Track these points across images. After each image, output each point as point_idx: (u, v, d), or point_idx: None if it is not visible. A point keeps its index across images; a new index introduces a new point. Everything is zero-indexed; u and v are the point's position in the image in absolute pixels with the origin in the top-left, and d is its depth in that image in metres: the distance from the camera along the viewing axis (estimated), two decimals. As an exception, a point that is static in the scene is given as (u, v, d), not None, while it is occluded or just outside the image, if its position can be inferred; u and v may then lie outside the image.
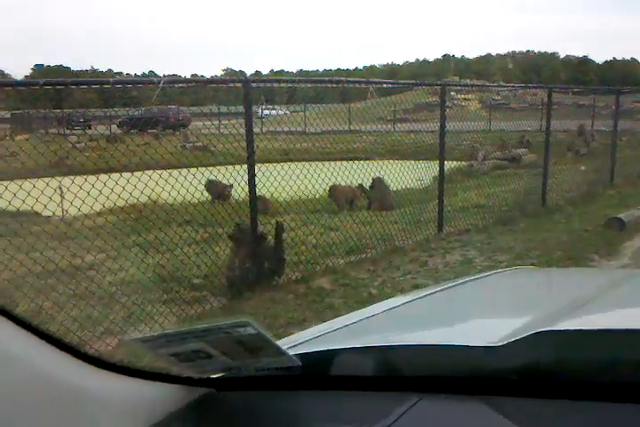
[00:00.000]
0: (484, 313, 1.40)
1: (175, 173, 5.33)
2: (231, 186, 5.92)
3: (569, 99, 27.58)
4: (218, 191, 8.72)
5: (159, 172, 5.35)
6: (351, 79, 6.90)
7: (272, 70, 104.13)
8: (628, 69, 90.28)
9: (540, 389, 0.87)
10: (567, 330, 0.94)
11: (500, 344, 0.89)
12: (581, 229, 7.53)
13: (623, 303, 1.28)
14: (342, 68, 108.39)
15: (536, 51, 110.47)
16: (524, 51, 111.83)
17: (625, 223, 7.53)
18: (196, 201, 5.74)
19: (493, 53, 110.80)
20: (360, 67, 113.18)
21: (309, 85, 6.00)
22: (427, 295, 1.56)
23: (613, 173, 11.65)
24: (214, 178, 6.31)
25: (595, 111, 20.11)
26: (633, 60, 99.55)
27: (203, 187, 5.38)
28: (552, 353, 0.88)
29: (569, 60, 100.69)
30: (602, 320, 1.12)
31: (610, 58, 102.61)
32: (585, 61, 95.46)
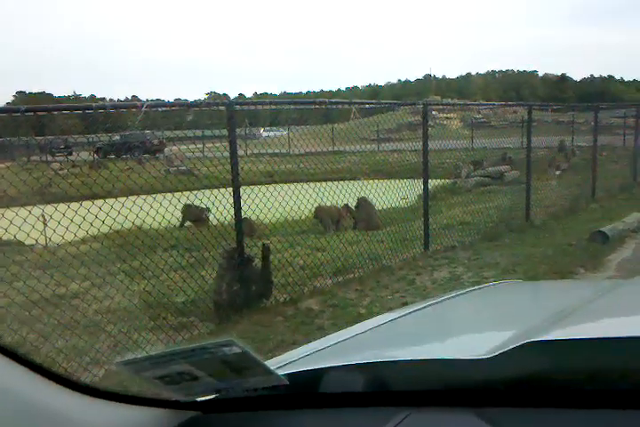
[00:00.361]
0: (472, 327, 1.40)
1: (160, 197, 5.31)
2: (208, 209, 5.85)
3: (548, 116, 28.03)
4: (194, 215, 8.71)
5: (143, 197, 5.33)
6: (334, 100, 6.97)
7: (255, 93, 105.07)
8: (606, 86, 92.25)
9: (529, 398, 0.87)
10: (554, 340, 0.94)
11: (488, 356, 0.89)
12: (566, 244, 7.59)
13: (609, 312, 1.28)
14: (325, 89, 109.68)
15: (515, 69, 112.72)
16: (504, 70, 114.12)
17: (608, 237, 7.60)
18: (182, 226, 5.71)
19: (473, 73, 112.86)
20: (343, 88, 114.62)
21: (293, 107, 6.04)
22: (415, 311, 1.56)
23: (595, 187, 11.81)
24: (190, 202, 6.25)
25: (574, 127, 20.45)
26: (610, 77, 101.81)
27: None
28: (540, 363, 0.89)
29: (547, 78, 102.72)
30: (588, 329, 1.12)
31: (587, 75, 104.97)
32: (563, 79, 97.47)
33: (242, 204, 5.41)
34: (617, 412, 0.83)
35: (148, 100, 4.80)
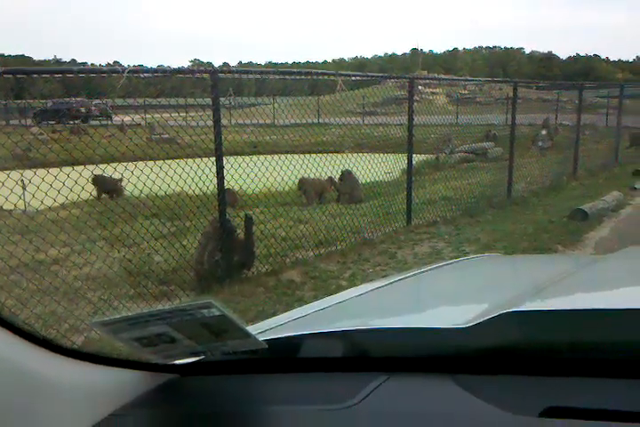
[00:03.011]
0: (451, 298, 1.41)
1: (141, 164, 5.24)
2: (121, 180, 5.56)
3: (534, 93, 28.05)
4: (106, 186, 8.34)
5: (124, 164, 5.26)
6: (320, 71, 6.89)
7: (240, 62, 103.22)
8: (591, 65, 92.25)
9: (506, 366, 0.89)
10: (531, 310, 0.96)
11: (467, 325, 0.90)
12: (546, 221, 7.67)
13: (585, 286, 1.30)
14: (311, 60, 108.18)
15: (502, 46, 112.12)
16: (491, 46, 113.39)
17: (588, 214, 7.70)
18: (163, 194, 5.65)
19: (460, 48, 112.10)
20: (329, 60, 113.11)
21: (278, 77, 5.95)
22: (395, 282, 1.57)
23: (577, 165, 11.91)
24: (101, 173, 5.83)
25: (559, 106, 20.50)
26: (596, 55, 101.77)
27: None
28: (518, 333, 0.90)
29: (534, 56, 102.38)
30: (564, 302, 1.14)
31: (573, 54, 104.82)
32: (549, 57, 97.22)
33: (225, 174, 5.37)
34: (594, 380, 0.84)
35: (129, 66, 4.69)
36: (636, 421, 0.75)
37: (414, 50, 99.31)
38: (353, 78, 7.78)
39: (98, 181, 7.53)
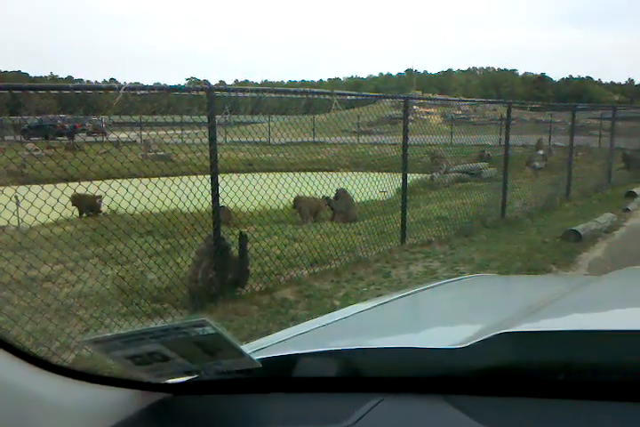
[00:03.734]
0: (446, 318, 1.40)
1: (136, 181, 5.24)
2: (100, 197, 5.44)
3: (527, 114, 28.35)
4: (86, 204, 8.27)
5: (119, 181, 5.25)
6: (316, 90, 6.94)
7: (236, 80, 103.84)
8: (584, 87, 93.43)
9: (501, 387, 0.88)
10: (526, 331, 0.96)
11: (462, 346, 0.90)
12: (540, 241, 7.69)
13: (580, 307, 1.30)
14: (307, 79, 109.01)
15: (496, 67, 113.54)
16: (484, 67, 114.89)
17: (581, 235, 7.73)
18: (158, 211, 5.64)
19: (455, 69, 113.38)
20: (324, 79, 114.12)
21: (274, 95, 6.00)
22: (390, 301, 1.56)
23: (570, 186, 11.98)
24: (81, 191, 5.72)
25: (552, 127, 20.70)
26: (588, 77, 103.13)
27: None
28: (513, 353, 0.90)
29: (527, 77, 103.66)
30: (559, 322, 1.14)
31: (566, 75, 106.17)
32: (542, 78, 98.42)
33: (220, 191, 5.37)
34: (588, 403, 0.84)
35: (126, 83, 4.71)
36: None
37: (409, 70, 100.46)
38: (348, 98, 7.85)
39: (76, 199, 7.50)
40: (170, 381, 0.91)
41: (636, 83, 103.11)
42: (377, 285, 5.92)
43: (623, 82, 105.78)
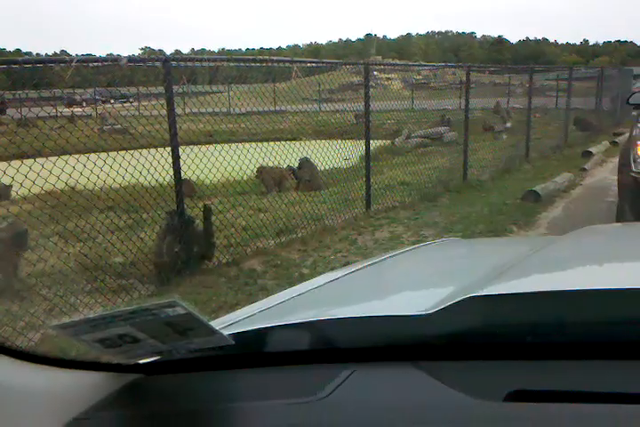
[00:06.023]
0: (413, 284, 1.42)
1: (94, 157, 5.10)
2: (10, 186, 5.23)
3: (486, 78, 28.45)
4: None
5: (76, 156, 5.10)
6: (275, 58, 6.82)
7: (193, 49, 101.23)
8: (541, 48, 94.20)
9: (471, 351, 0.90)
10: (492, 295, 0.97)
11: (429, 312, 0.91)
12: (501, 203, 7.85)
13: (542, 268, 1.33)
14: (265, 47, 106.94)
15: (454, 31, 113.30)
16: (443, 31, 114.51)
17: (540, 196, 7.91)
18: (118, 186, 5.52)
19: (414, 33, 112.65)
20: (283, 46, 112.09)
21: (232, 64, 5.86)
22: (356, 270, 1.57)
23: (528, 148, 12.18)
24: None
25: (510, 89, 20.84)
26: (544, 39, 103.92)
27: (124, 171, 5.04)
28: (479, 317, 0.91)
29: (485, 41, 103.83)
30: (524, 284, 1.16)
31: (523, 38, 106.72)
32: (500, 41, 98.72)
33: (181, 164, 5.28)
34: (556, 362, 0.86)
35: (77, 55, 4.54)
36: (598, 401, 0.77)
37: (368, 35, 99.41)
38: (308, 65, 7.74)
39: None
40: (141, 361, 0.90)
41: (590, 43, 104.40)
42: (344, 252, 5.97)
43: (578, 43, 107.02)
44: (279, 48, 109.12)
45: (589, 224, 2.30)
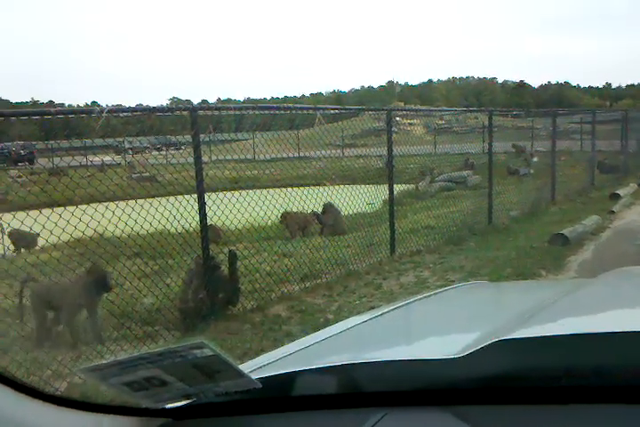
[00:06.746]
0: (441, 328, 1.40)
1: (122, 204, 5.21)
2: (38, 234, 5.37)
3: (508, 122, 28.65)
4: (25, 241, 7.90)
5: (105, 204, 5.22)
6: (299, 105, 6.98)
7: (219, 99, 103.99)
8: (562, 92, 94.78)
9: (502, 396, 0.88)
10: (522, 338, 0.95)
11: (459, 355, 0.89)
12: (528, 246, 7.73)
13: (573, 310, 1.30)
14: (289, 95, 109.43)
15: (475, 76, 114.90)
16: (464, 77, 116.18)
17: (568, 239, 7.78)
18: (145, 233, 5.61)
19: (435, 79, 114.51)
20: (307, 94, 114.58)
21: (257, 112, 6.02)
22: (384, 313, 1.55)
23: (554, 190, 12.09)
24: (17, 227, 5.65)
25: (533, 133, 20.91)
26: (566, 83, 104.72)
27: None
28: (510, 361, 0.90)
29: (507, 85, 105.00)
30: (554, 327, 1.14)
31: (545, 82, 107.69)
32: (522, 85, 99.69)
33: (207, 210, 5.35)
34: (590, 406, 0.84)
35: (108, 106, 4.71)
36: None
37: (390, 82, 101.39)
38: (331, 111, 7.90)
39: (14, 235, 7.35)
40: (169, 405, 0.89)
41: (613, 86, 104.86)
42: (369, 297, 5.90)
43: (601, 86, 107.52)
44: (303, 96, 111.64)
45: (620, 268, 2.25)
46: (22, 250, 8.23)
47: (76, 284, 4.76)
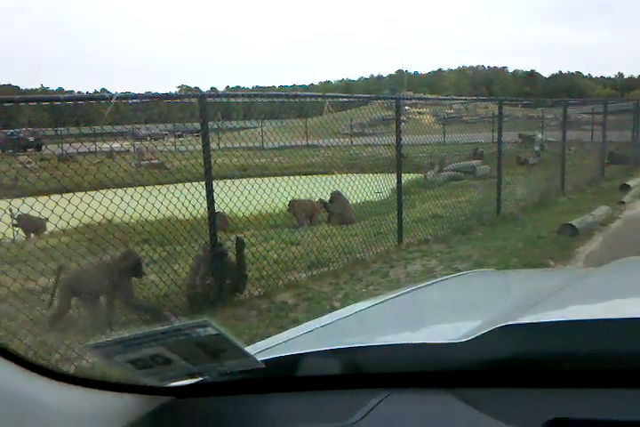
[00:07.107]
0: (447, 313, 1.41)
1: (131, 190, 5.23)
2: (47, 219, 5.42)
3: (519, 111, 28.41)
4: (34, 226, 8.05)
5: (114, 190, 5.24)
6: (307, 93, 6.98)
7: (228, 87, 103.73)
8: (574, 81, 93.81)
9: (505, 379, 0.88)
10: (527, 323, 0.96)
11: (463, 340, 0.90)
12: (536, 236, 7.70)
13: (579, 298, 1.31)
14: (298, 84, 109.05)
15: (486, 65, 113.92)
16: (474, 65, 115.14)
17: (577, 229, 7.75)
18: (153, 219, 5.63)
19: (445, 68, 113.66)
20: (316, 82, 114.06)
21: (266, 100, 6.01)
22: (390, 299, 1.56)
23: (564, 181, 12.02)
24: (25, 212, 5.82)
25: (544, 123, 20.73)
26: (578, 72, 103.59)
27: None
28: (514, 345, 0.90)
29: (517, 74, 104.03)
30: (559, 314, 1.14)
31: (556, 71, 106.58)
32: (533, 74, 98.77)
33: (215, 198, 5.36)
34: (594, 390, 0.84)
35: (117, 93, 4.71)
36: None
37: (399, 71, 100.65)
38: (340, 100, 7.87)
39: (22, 220, 7.47)
40: (173, 384, 0.90)
41: (625, 76, 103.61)
42: (375, 285, 5.91)
43: (613, 76, 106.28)
44: (312, 84, 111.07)
45: (628, 257, 2.24)
46: (32, 235, 8.35)
47: (111, 269, 4.85)
